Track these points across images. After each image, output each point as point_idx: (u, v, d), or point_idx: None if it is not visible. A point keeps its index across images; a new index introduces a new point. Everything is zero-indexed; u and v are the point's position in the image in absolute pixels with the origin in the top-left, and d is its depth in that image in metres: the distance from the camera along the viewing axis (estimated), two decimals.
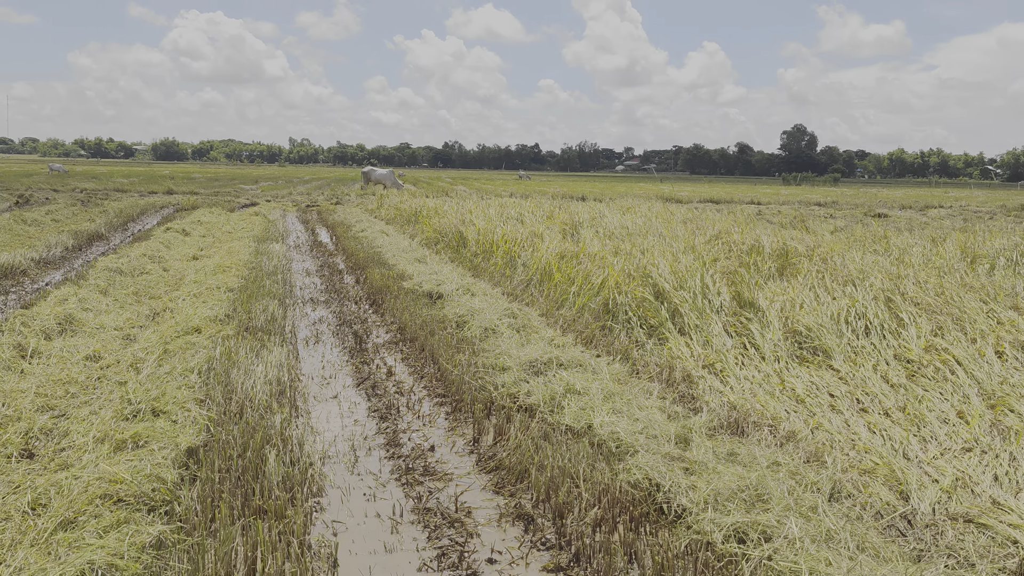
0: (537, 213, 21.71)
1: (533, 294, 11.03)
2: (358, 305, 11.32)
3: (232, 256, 14.85)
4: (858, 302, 8.93)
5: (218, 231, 20.39)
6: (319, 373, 7.68)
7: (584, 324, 9.11)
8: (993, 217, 38.02)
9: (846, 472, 5.03)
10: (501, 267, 13.16)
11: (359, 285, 12.95)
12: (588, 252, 11.47)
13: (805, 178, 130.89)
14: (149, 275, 12.47)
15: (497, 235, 14.62)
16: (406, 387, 7.21)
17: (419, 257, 14.61)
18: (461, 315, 9.29)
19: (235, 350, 7.29)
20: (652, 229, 17.24)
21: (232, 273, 12.45)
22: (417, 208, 23.12)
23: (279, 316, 9.43)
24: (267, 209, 30.39)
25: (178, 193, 40.49)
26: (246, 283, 11.71)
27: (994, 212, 42.94)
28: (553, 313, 9.84)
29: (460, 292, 11.09)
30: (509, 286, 11.93)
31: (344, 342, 8.98)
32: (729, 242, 13.69)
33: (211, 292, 10.70)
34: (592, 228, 18.30)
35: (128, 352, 7.66)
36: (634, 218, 21.58)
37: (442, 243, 17.57)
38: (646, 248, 12.06)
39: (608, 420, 5.64)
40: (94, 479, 4.25)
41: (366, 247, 17.41)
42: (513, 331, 8.57)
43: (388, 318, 10.17)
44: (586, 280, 10.23)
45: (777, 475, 4.75)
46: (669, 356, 7.78)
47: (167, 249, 16.06)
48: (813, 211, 42.37)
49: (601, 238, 16.32)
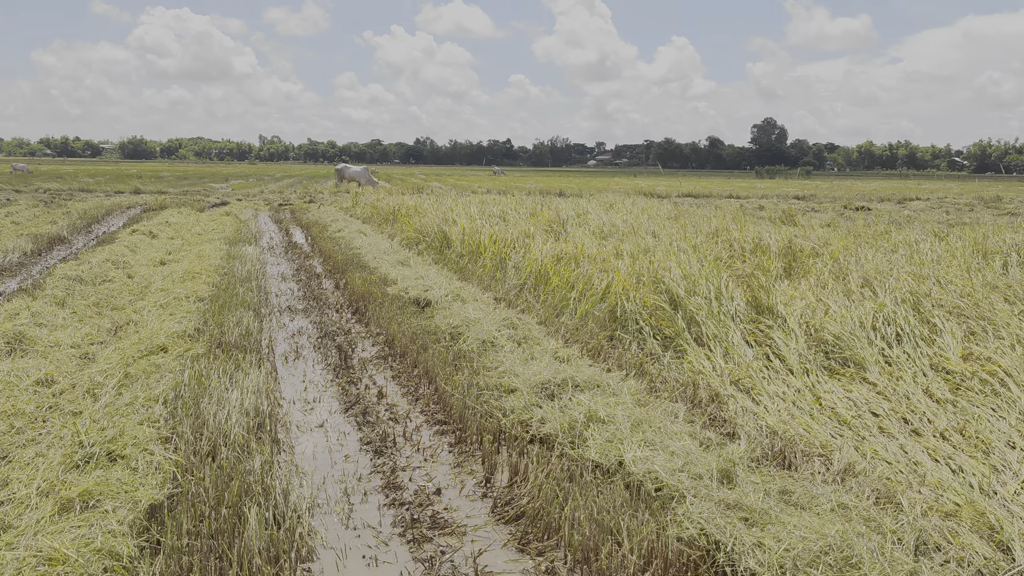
0: (520, 210, 20.92)
1: (528, 300, 10.26)
2: (340, 314, 10.49)
3: (202, 260, 13.93)
4: (886, 306, 8.26)
5: (187, 233, 19.40)
6: (302, 396, 6.86)
7: (589, 334, 8.36)
8: (973, 209, 37.81)
9: (926, 516, 4.32)
10: (491, 270, 12.37)
11: (340, 291, 12.10)
12: (587, 254, 10.71)
13: (777, 171, 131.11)
14: (112, 283, 11.54)
15: (484, 235, 13.82)
16: (400, 412, 6.41)
17: (402, 259, 13.78)
18: (455, 325, 8.49)
19: (206, 373, 6.44)
20: (643, 227, 16.52)
21: (202, 280, 11.55)
22: (395, 206, 22.25)
23: (254, 329, 8.58)
24: (238, 208, 29.34)
25: (146, 193, 39.23)
26: (218, 291, 10.83)
27: (972, 204, 42.79)
28: (553, 321, 9.08)
29: (450, 299, 10.30)
30: (501, 290, 11.15)
31: (328, 358, 8.15)
32: (729, 240, 13.00)
33: (179, 302, 9.81)
34: (580, 226, 17.55)
35: (85, 375, 6.79)
36: (620, 215, 20.87)
37: (424, 243, 16.75)
38: (647, 248, 11.31)
39: (641, 455, 4.88)
40: (30, 556, 3.42)
41: (344, 248, 16.54)
42: (514, 344, 7.79)
43: (374, 329, 9.35)
44: (588, 285, 9.47)
45: (852, 524, 4.02)
46: (690, 371, 7.04)
47: (132, 253, 15.10)
48: (793, 204, 41.99)
49: (593, 237, 15.59)
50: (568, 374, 6.23)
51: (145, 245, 16.62)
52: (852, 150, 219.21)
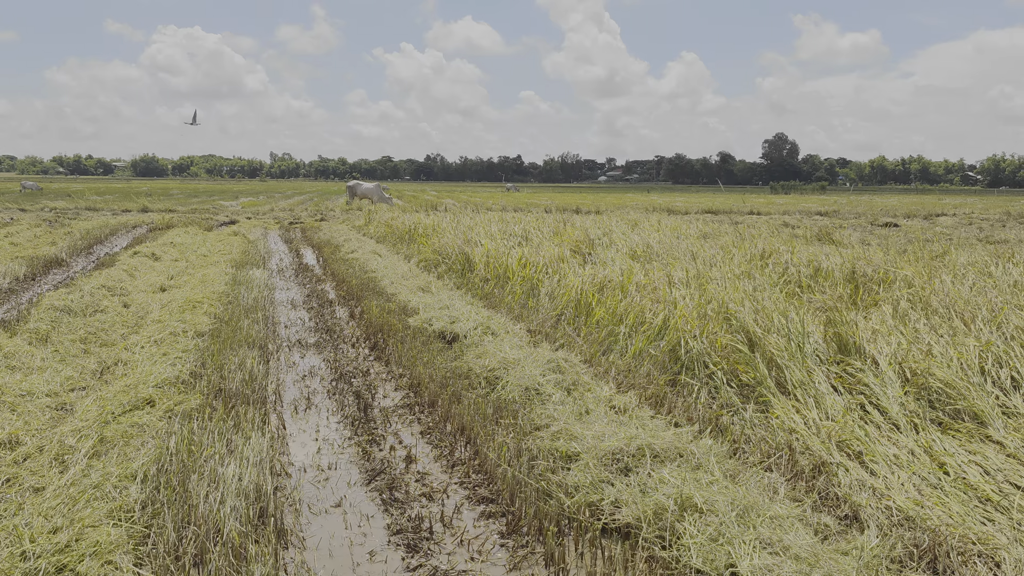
0: (543, 230, 19.82)
1: (568, 334, 9.10)
2: (356, 349, 9.36)
3: (206, 286, 12.85)
4: (993, 345, 7.07)
5: (192, 254, 18.36)
6: (314, 462, 5.71)
7: (647, 377, 7.19)
8: (1005, 225, 36.54)
9: None
10: (520, 297, 11.22)
11: (355, 321, 10.98)
12: (635, 281, 9.54)
13: (792, 187, 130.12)
14: (104, 314, 10.45)
15: (512, 259, 12.68)
16: (435, 484, 5.26)
17: (422, 285, 12.65)
18: (491, 368, 7.34)
19: (198, 439, 5.30)
20: (678, 248, 15.37)
21: (204, 310, 10.46)
22: (411, 225, 21.16)
23: (259, 373, 7.44)
24: (247, 227, 28.35)
25: (153, 211, 38.36)
26: (220, 323, 9.72)
27: (1003, 219, 41.52)
28: (600, 360, 7.92)
29: (479, 332, 9.17)
30: (534, 321, 10.01)
31: (344, 407, 7.00)
32: (781, 263, 11.83)
33: (176, 338, 8.70)
34: (610, 247, 16.42)
35: (56, 436, 5.68)
36: (649, 234, 19.74)
37: (444, 266, 15.64)
38: (700, 275, 10.14)
39: (761, 563, 3.72)
40: None
41: (358, 271, 15.44)
42: (562, 392, 6.64)
43: (396, 369, 8.21)
44: (639, 318, 8.31)
45: None
46: (780, 428, 5.87)
47: (131, 278, 14.03)
48: (817, 221, 40.79)
49: (626, 259, 14.45)
50: (643, 440, 5.05)
51: (146, 268, 15.57)
52: (864, 165, 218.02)
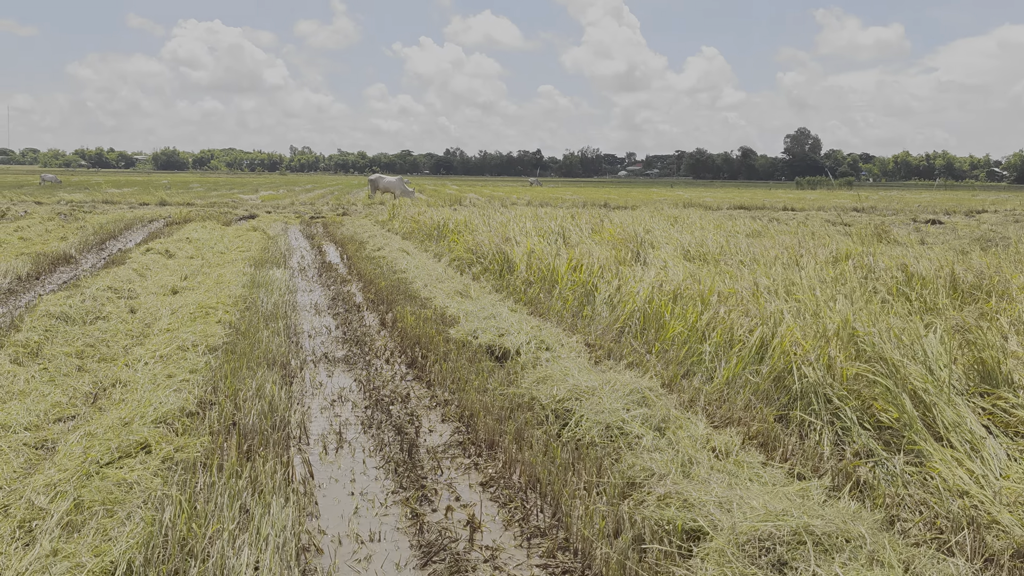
0: (581, 226, 18.52)
1: (636, 350, 7.83)
2: (391, 366, 8.13)
3: (221, 288, 11.68)
4: None
5: (209, 251, 17.22)
6: (350, 530, 4.47)
7: (746, 410, 5.92)
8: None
9: None
10: (573, 305, 9.96)
11: (387, 330, 9.76)
12: (719, 290, 8.23)
13: (819, 182, 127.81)
14: (107, 321, 9.29)
15: (560, 261, 11.41)
16: (512, 571, 4.01)
17: (460, 289, 11.39)
18: (560, 399, 6.07)
19: (202, 508, 4.07)
20: (736, 248, 14.05)
21: (218, 317, 9.28)
22: (440, 221, 19.91)
23: (280, 402, 6.21)
24: (267, 222, 27.23)
25: (171, 205, 37.34)
26: (235, 335, 8.52)
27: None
28: (680, 385, 6.64)
29: (534, 347, 7.92)
30: (592, 333, 8.75)
31: (383, 445, 5.77)
32: (866, 267, 10.49)
33: (184, 355, 7.51)
34: (661, 246, 15.12)
35: (27, 492, 4.49)
36: (693, 231, 18.42)
37: (479, 266, 14.40)
38: (791, 283, 8.81)
39: None
40: None
41: (386, 271, 14.23)
42: (653, 431, 5.37)
43: (440, 393, 6.97)
44: (729, 335, 7.03)
45: None
46: (950, 492, 4.57)
47: (141, 279, 12.89)
48: (857, 218, 39.24)
49: (680, 260, 13.16)
50: (798, 521, 3.76)
51: (159, 267, 14.43)
52: (888, 160, 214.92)
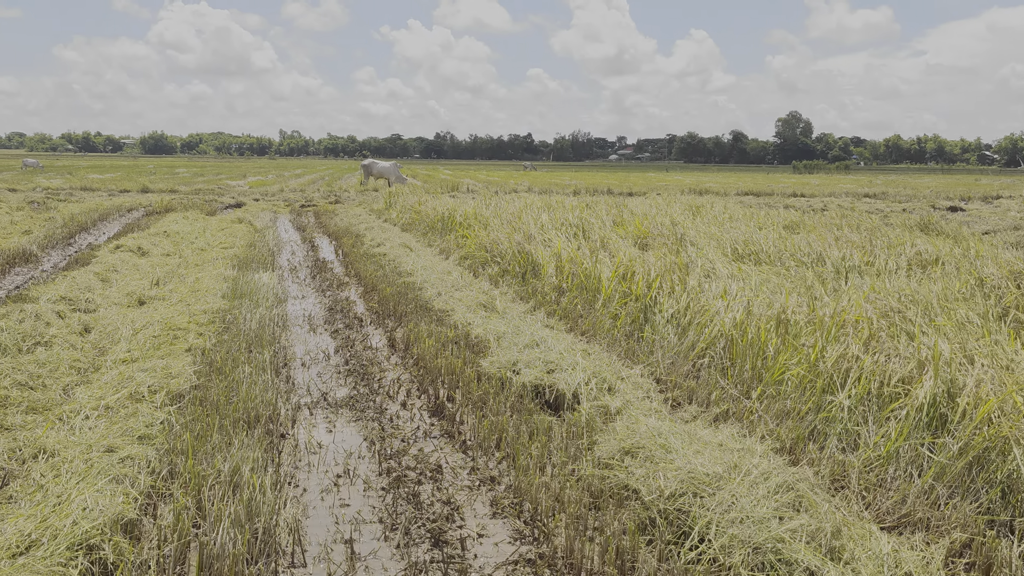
0: (603, 218, 16.67)
1: (731, 394, 6.02)
2: (410, 412, 6.30)
3: (197, 298, 9.83)
4: None
5: (188, 247, 15.31)
6: None
7: (932, 507, 4.14)
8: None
9: None
10: (626, 324, 8.14)
11: (399, 355, 7.92)
12: (838, 313, 6.38)
13: (815, 166, 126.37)
14: (50, 348, 7.42)
15: (602, 267, 9.56)
16: None
17: (483, 300, 9.52)
18: (673, 494, 4.24)
19: None
20: (792, 246, 12.25)
21: (188, 343, 7.43)
22: (445, 213, 18.01)
23: (265, 501, 4.34)
24: (255, 211, 25.26)
25: (154, 191, 35.22)
26: (208, 370, 6.68)
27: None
28: (808, 451, 4.85)
29: (595, 386, 6.12)
30: (658, 365, 6.94)
31: (416, 567, 3.95)
32: (970, 274, 8.70)
33: (137, 407, 5.66)
34: (699, 243, 13.31)
35: None
36: (723, 224, 16.61)
37: (494, 266, 12.56)
38: (927, 306, 7.00)
39: None
40: None
41: (390, 273, 12.39)
42: (825, 559, 3.58)
43: (484, 464, 5.14)
44: (877, 383, 5.21)
45: None
46: None
47: (104, 284, 11.00)
48: (867, 203, 37.54)
49: (727, 259, 11.37)
50: None
51: (128, 269, 12.54)
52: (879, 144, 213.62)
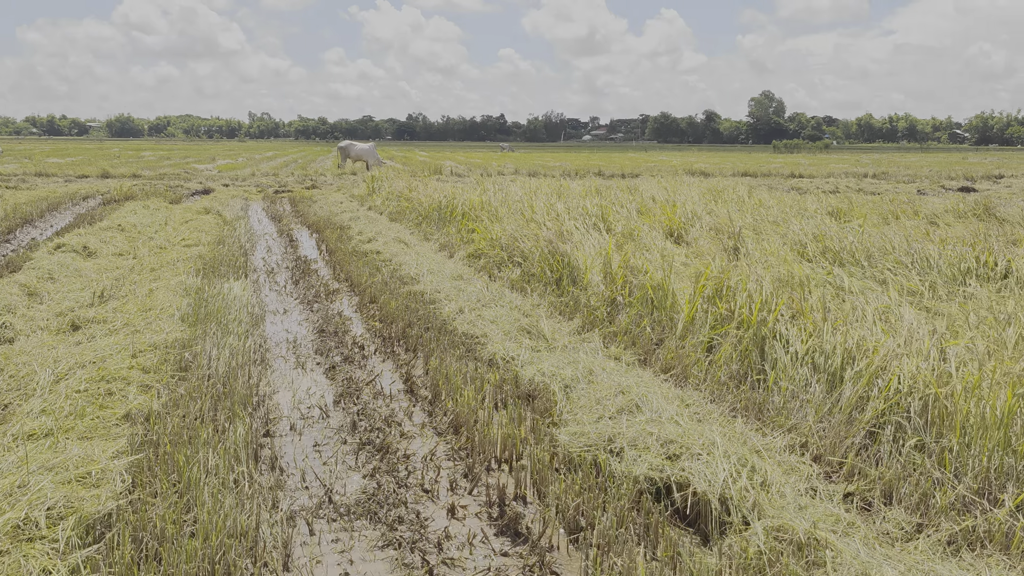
0: (628, 206, 14.52)
1: (959, 493, 3.93)
2: (462, 522, 4.12)
3: (148, 321, 7.56)
4: None
5: (145, 245, 12.94)
6: None
7: None
8: None
9: None
10: (723, 361, 5.99)
11: (423, 408, 5.73)
12: None
13: (796, 145, 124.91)
14: None
15: (679, 280, 7.38)
16: None
17: (525, 325, 7.27)
18: None
19: None
20: (881, 245, 10.19)
21: (126, 405, 5.20)
22: (442, 201, 15.71)
23: None
24: (224, 198, 22.78)
25: (115, 176, 32.46)
26: (149, 458, 4.44)
27: None
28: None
29: (745, 479, 3.98)
30: (810, 433, 4.82)
31: None
32: None
33: (32, 543, 3.45)
34: (752, 239, 11.20)
35: None
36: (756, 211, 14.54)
37: (514, 268, 10.37)
38: None
39: None
40: None
41: (389, 279, 10.16)
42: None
43: None
44: None
45: None
46: None
47: (31, 299, 8.68)
48: (876, 184, 35.71)
49: (791, 254, 9.30)
50: None
51: (67, 276, 10.19)
52: (851, 123, 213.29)
